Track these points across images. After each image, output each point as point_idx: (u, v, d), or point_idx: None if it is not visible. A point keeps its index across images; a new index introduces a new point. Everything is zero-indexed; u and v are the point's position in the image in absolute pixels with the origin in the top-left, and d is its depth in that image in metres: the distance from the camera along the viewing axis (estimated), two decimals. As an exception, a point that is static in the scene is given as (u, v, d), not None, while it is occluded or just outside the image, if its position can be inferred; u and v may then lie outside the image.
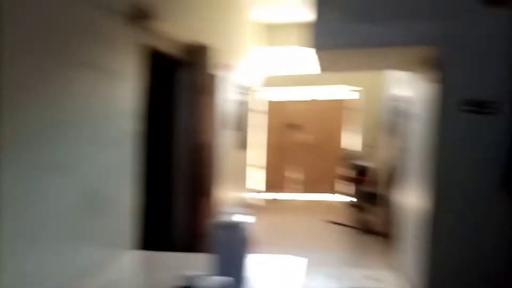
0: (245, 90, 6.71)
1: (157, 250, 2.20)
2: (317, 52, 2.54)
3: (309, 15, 2.60)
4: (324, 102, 7.42)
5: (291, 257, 2.03)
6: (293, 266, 1.93)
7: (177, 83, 3.60)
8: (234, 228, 1.57)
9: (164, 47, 3.05)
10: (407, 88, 3.51)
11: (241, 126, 6.63)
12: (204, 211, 3.78)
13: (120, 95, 2.35)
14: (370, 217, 5.33)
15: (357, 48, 2.51)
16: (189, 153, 3.60)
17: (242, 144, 6.81)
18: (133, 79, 2.50)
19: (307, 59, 6.97)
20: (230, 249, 1.57)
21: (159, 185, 3.64)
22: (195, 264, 1.92)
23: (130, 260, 2.17)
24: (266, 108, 7.55)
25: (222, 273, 1.55)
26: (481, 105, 2.50)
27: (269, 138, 7.58)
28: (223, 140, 5.14)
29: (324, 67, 3.07)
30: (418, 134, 3.06)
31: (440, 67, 2.54)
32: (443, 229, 2.61)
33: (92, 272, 1.96)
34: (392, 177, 4.55)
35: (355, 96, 7.16)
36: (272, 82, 7.37)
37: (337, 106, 7.37)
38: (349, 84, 7.09)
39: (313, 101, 7.47)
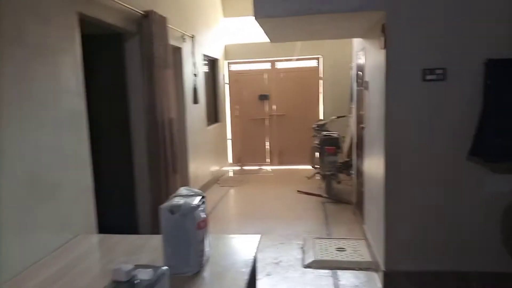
0: (211, 63, 6.57)
1: (120, 233, 2.12)
2: (258, 20, 2.46)
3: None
4: (293, 72, 7.34)
5: (246, 236, 2.02)
6: (247, 245, 1.91)
7: (128, 57, 3.47)
8: (179, 211, 1.53)
9: (108, 17, 2.90)
10: (363, 56, 3.46)
11: (210, 99, 6.54)
12: (172, 189, 3.73)
13: (60, 71, 2.25)
14: (339, 185, 5.41)
15: (298, 15, 2.43)
16: (151, 130, 3.50)
17: (214, 118, 6.75)
18: (73, 53, 2.39)
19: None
20: (177, 233, 1.55)
21: (119, 166, 3.58)
22: (152, 247, 1.90)
23: (84, 245, 2.11)
24: (235, 80, 7.44)
25: (170, 257, 1.54)
26: (431, 72, 2.48)
27: (240, 110, 7.52)
28: (191, 115, 5.07)
29: (272, 37, 2.98)
30: (373, 102, 3.05)
31: (388, 33, 2.49)
32: (397, 196, 2.65)
33: (43, 259, 1.90)
34: (353, 145, 4.58)
35: (320, 65, 7.10)
36: (237, 53, 7.25)
37: (307, 75, 7.30)
38: (313, 53, 7.00)
39: (282, 70, 7.37)
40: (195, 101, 4.99)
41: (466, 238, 2.62)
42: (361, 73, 3.73)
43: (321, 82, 7.20)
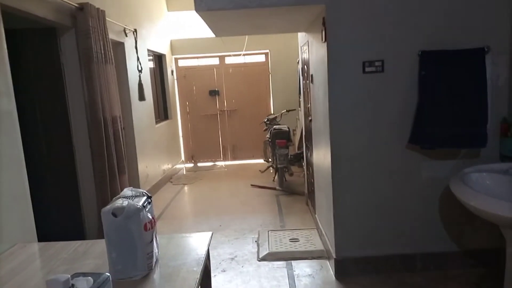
0: (157, 58, 6.38)
1: (65, 240, 1.99)
2: (199, 13, 2.39)
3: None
4: (242, 67, 7.34)
5: (197, 234, 1.97)
6: (199, 243, 1.86)
7: (64, 52, 3.25)
8: (122, 214, 1.46)
9: (36, 9, 2.68)
10: (307, 50, 3.52)
11: (158, 96, 6.35)
12: (120, 190, 3.57)
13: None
14: (292, 177, 5.51)
15: (239, 8, 2.40)
16: (93, 129, 3.31)
17: (164, 115, 6.57)
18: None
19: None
20: (121, 237, 1.48)
21: (60, 168, 3.36)
22: (97, 252, 1.80)
23: (21, 255, 1.94)
24: (183, 76, 7.29)
25: (115, 262, 1.48)
26: (370, 64, 2.57)
27: (190, 107, 7.40)
28: (138, 113, 4.88)
29: (216, 31, 2.92)
30: (318, 94, 3.11)
31: (328, 26, 2.54)
32: (343, 184, 2.73)
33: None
34: (302, 137, 4.68)
35: (269, 60, 7.17)
36: (184, 48, 7.12)
37: (256, 70, 7.34)
38: (261, 48, 7.05)
39: (231, 65, 7.34)
40: (141, 97, 4.82)
41: (409, 222, 2.77)
42: (306, 67, 3.79)
43: (270, 76, 7.26)
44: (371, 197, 2.75)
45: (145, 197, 1.61)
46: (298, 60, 5.65)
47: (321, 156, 3.14)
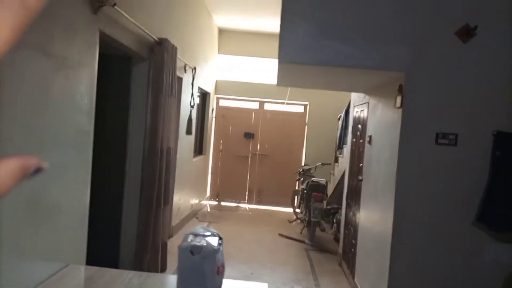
0: (202, 96, 6.57)
1: (98, 265, 1.94)
2: (280, 65, 2.47)
3: (273, 25, 2.51)
4: (280, 115, 7.46)
5: (255, 284, 1.91)
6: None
7: (135, 81, 3.38)
8: (200, 253, 1.43)
9: (124, 39, 2.83)
10: (366, 110, 3.55)
11: (198, 131, 6.47)
12: (161, 222, 3.50)
13: (77, 87, 2.13)
14: (322, 233, 5.36)
15: (321, 65, 2.47)
16: (149, 158, 3.32)
17: (199, 150, 6.64)
18: (91, 70, 2.28)
19: (266, 70, 7.12)
20: (194, 276, 1.45)
21: (109, 193, 3.35)
22: (151, 287, 1.75)
23: (75, 278, 1.90)
24: (222, 115, 7.45)
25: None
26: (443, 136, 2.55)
27: (224, 145, 7.48)
28: (182, 145, 4.95)
29: (281, 81, 2.99)
30: (377, 157, 3.09)
31: (405, 94, 2.57)
32: (401, 254, 2.63)
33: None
34: (337, 193, 4.60)
35: (307, 111, 7.28)
36: (227, 89, 7.34)
37: (293, 120, 7.45)
38: (301, 99, 7.20)
39: (270, 112, 7.48)
40: (189, 132, 4.90)
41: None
42: (360, 126, 3.81)
43: (306, 127, 7.33)
44: (429, 271, 2.61)
45: (217, 238, 1.58)
46: (340, 116, 5.71)
47: (375, 219, 3.06)
